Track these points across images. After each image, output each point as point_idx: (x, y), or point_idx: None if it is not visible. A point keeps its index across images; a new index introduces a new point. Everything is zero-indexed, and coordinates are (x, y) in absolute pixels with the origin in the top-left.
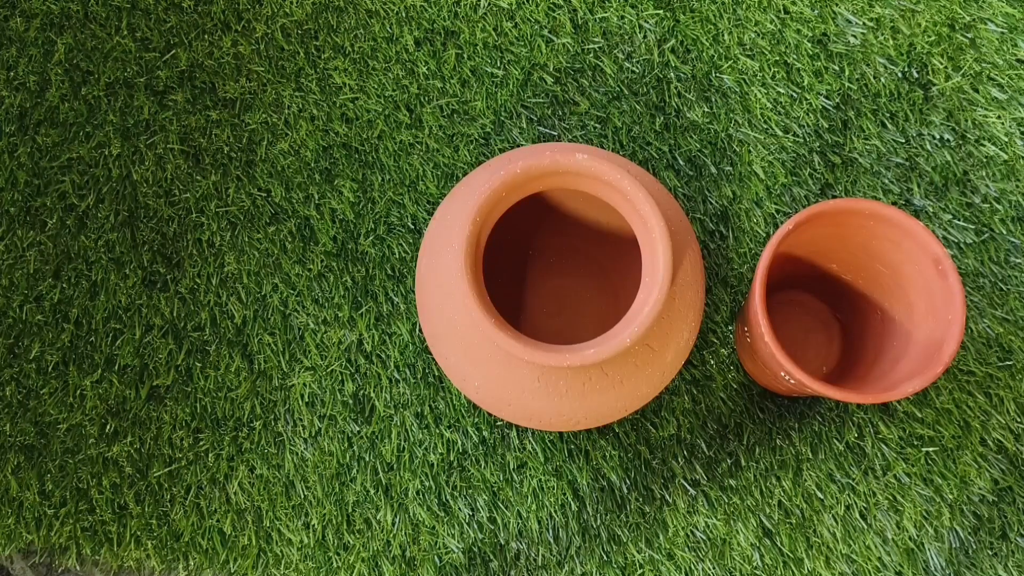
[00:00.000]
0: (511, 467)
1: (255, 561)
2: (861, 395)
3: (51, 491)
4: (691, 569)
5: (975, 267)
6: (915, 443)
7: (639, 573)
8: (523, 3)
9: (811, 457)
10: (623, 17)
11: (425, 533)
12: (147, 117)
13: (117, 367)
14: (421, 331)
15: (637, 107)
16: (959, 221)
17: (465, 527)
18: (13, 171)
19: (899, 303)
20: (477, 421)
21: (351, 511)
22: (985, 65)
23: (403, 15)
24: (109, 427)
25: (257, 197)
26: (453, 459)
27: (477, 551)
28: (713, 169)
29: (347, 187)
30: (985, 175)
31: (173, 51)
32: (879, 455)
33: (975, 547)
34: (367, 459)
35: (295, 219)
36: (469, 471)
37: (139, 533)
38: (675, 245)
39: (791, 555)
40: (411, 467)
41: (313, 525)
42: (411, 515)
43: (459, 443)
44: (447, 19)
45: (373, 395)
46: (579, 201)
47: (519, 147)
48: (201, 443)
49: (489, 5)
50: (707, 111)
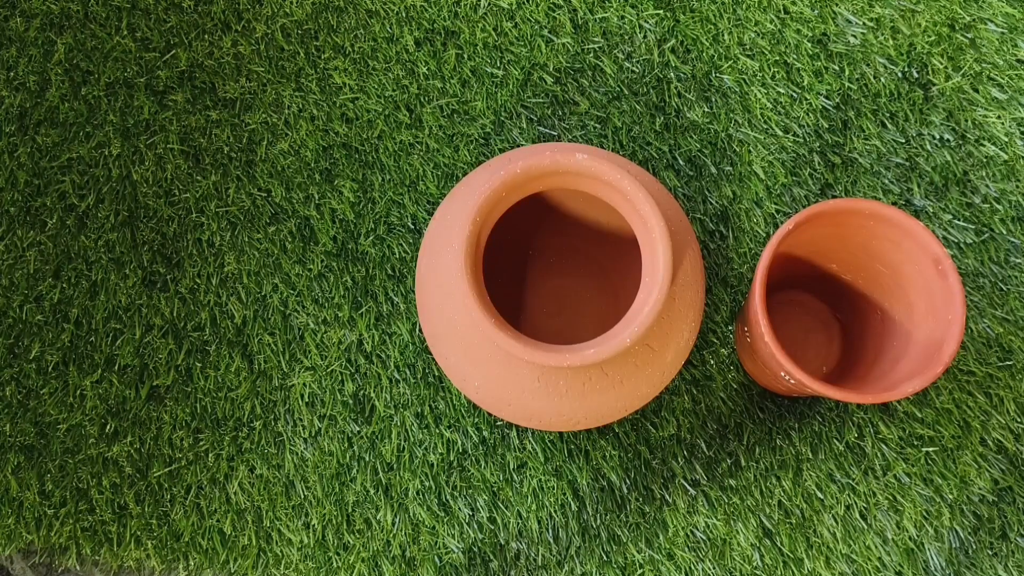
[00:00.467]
0: (511, 467)
1: (255, 561)
2: (861, 395)
3: (51, 491)
4: (691, 569)
5: (975, 267)
6: (915, 443)
7: (639, 573)
8: (523, 3)
9: (811, 457)
10: (623, 17)
11: (425, 533)
12: (147, 117)
13: (117, 367)
14: (421, 331)
15: (637, 107)
16: (959, 221)
17: (465, 527)
18: (13, 171)
19: (899, 303)
20: (477, 421)
21: (351, 511)
22: (985, 65)
23: (403, 15)
24: (109, 427)
25: (257, 197)
26: (453, 459)
27: (477, 551)
28: (713, 169)
29: (347, 187)
30: (985, 175)
31: (173, 51)
32: (879, 455)
33: (975, 547)
34: (367, 459)
35: (295, 219)
36: (469, 471)
37: (139, 533)
38: (675, 245)
39: (791, 555)
40: (411, 467)
41: (313, 525)
42: (411, 515)
43: (459, 443)
44: (447, 19)
45: (373, 395)
46: (579, 201)
47: (519, 147)
48: (201, 443)
49: (489, 5)
50: (707, 111)
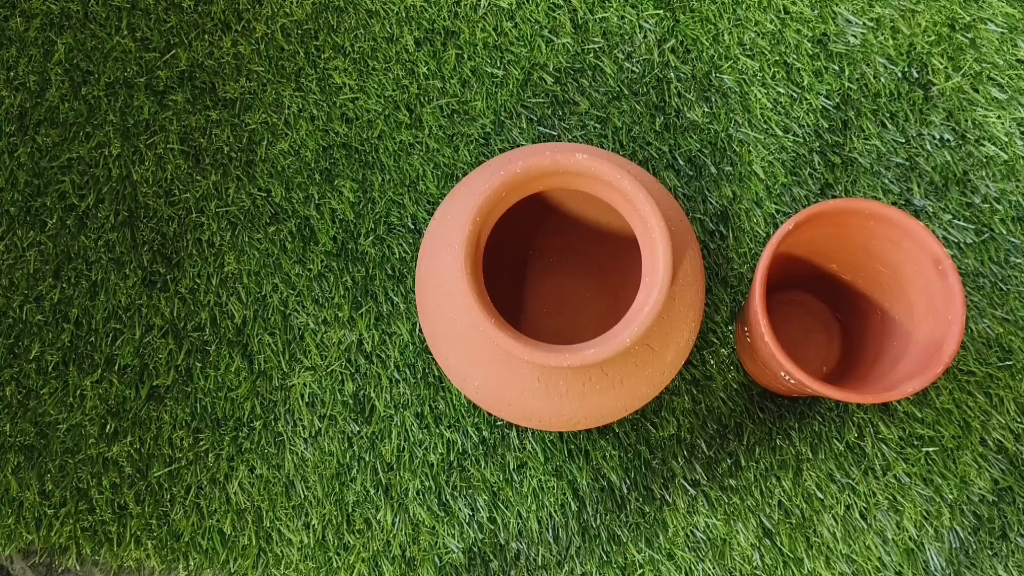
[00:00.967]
0: (511, 467)
1: (255, 561)
2: (861, 395)
3: (51, 491)
4: (691, 569)
5: (975, 267)
6: (915, 443)
7: (639, 573)
8: (523, 3)
9: (811, 457)
10: (623, 17)
11: (425, 533)
12: (147, 117)
13: (117, 367)
14: (421, 331)
15: (637, 107)
16: (959, 221)
17: (465, 527)
18: (13, 171)
19: (899, 303)
20: (477, 421)
21: (351, 511)
22: (985, 65)
23: (403, 15)
24: (109, 427)
25: (257, 197)
26: (453, 459)
27: (477, 551)
28: (713, 169)
29: (347, 187)
30: (985, 175)
31: (173, 51)
32: (879, 455)
33: (975, 547)
34: (367, 459)
35: (295, 219)
36: (469, 471)
37: (139, 533)
38: (675, 245)
39: (791, 555)
40: (411, 467)
41: (313, 525)
42: (411, 515)
43: (459, 443)
44: (447, 19)
45: (373, 395)
46: (579, 201)
47: (519, 147)
48: (201, 443)
49: (489, 5)
50: (707, 111)
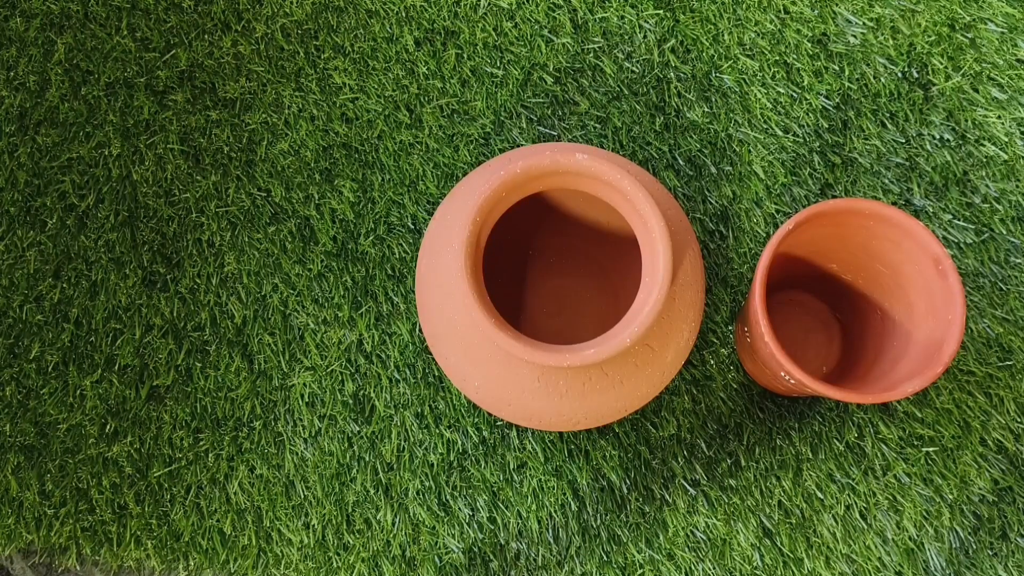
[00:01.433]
0: (511, 467)
1: (255, 561)
2: (861, 395)
3: (51, 491)
4: (691, 569)
5: (975, 267)
6: (915, 443)
7: (639, 573)
8: (523, 3)
9: (811, 457)
10: (623, 17)
11: (425, 533)
12: (147, 117)
13: (117, 367)
14: (421, 331)
15: (637, 107)
16: (959, 221)
17: (465, 527)
18: (13, 171)
19: (899, 303)
20: (477, 421)
21: (351, 511)
22: (985, 65)
23: (403, 15)
24: (109, 427)
25: (257, 197)
26: (453, 459)
27: (477, 551)
28: (713, 169)
29: (347, 187)
30: (985, 175)
31: (173, 51)
32: (879, 455)
33: (975, 547)
34: (367, 459)
35: (295, 219)
36: (469, 471)
37: (139, 533)
38: (675, 245)
39: (791, 555)
40: (411, 467)
41: (313, 525)
42: (411, 515)
43: (459, 443)
44: (447, 19)
45: (373, 395)
46: (579, 201)
47: (519, 147)
48: (201, 443)
49: (489, 5)
50: (707, 111)
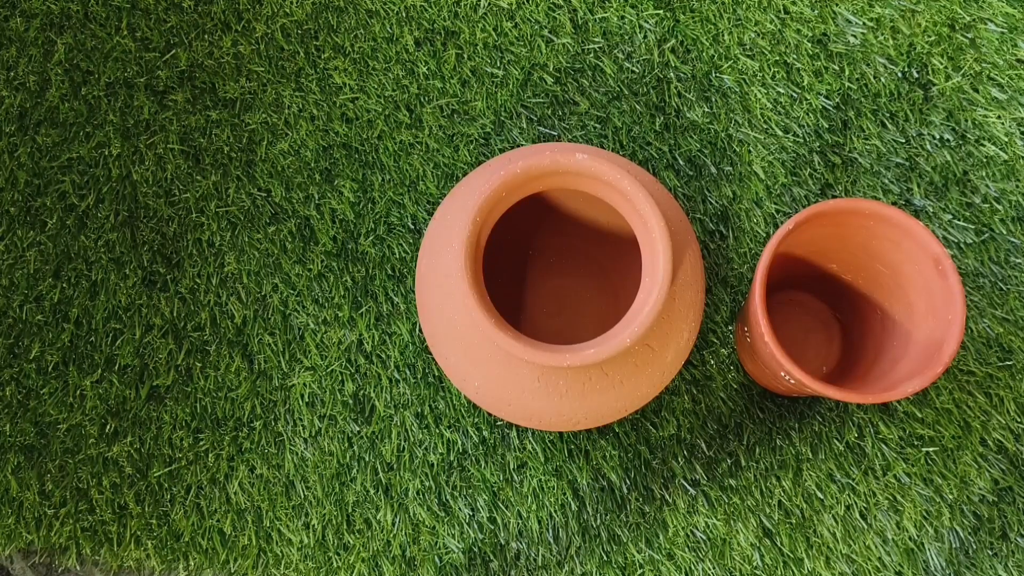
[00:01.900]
0: (511, 467)
1: (255, 561)
2: (861, 395)
3: (51, 491)
4: (691, 569)
5: (975, 267)
6: (915, 443)
7: (639, 573)
8: (523, 3)
9: (811, 457)
10: (623, 17)
11: (425, 533)
12: (147, 117)
13: (117, 367)
14: (421, 331)
15: (637, 107)
16: (959, 221)
17: (465, 527)
18: (13, 171)
19: (899, 303)
20: (477, 421)
21: (351, 511)
22: (985, 65)
23: (403, 15)
24: (109, 427)
25: (257, 197)
26: (453, 459)
27: (477, 551)
28: (713, 169)
29: (347, 187)
30: (985, 175)
31: (173, 51)
32: (879, 455)
33: (975, 547)
34: (367, 459)
35: (295, 219)
36: (469, 471)
37: (139, 533)
38: (675, 245)
39: (791, 555)
40: (411, 467)
41: (313, 525)
42: (411, 515)
43: (459, 443)
44: (447, 19)
45: (373, 395)
46: (579, 201)
47: (519, 147)
48: (201, 443)
49: (489, 5)
50: (707, 111)
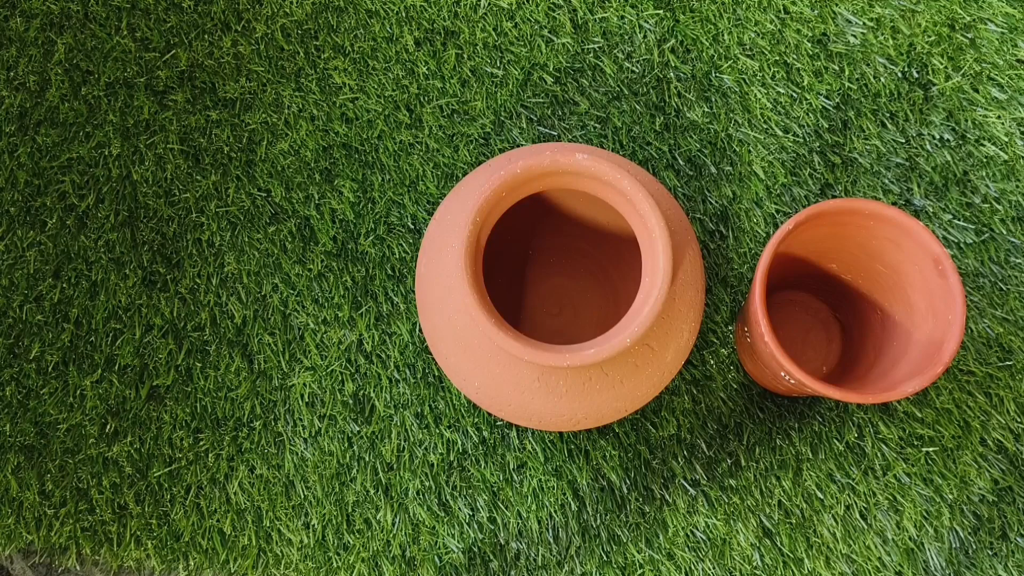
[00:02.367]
0: (511, 467)
1: (255, 561)
2: (861, 395)
3: (51, 491)
4: (691, 569)
5: (975, 267)
6: (915, 443)
7: (639, 573)
8: (523, 3)
9: (811, 457)
10: (623, 17)
11: (425, 533)
12: (147, 117)
13: (117, 367)
14: (421, 331)
15: (637, 107)
16: (959, 221)
17: (465, 527)
18: (13, 171)
19: (899, 303)
20: (477, 421)
21: (351, 511)
22: (985, 65)
23: (403, 15)
24: (109, 427)
25: (257, 197)
26: (453, 459)
27: (477, 551)
28: (713, 169)
29: (347, 187)
30: (985, 175)
31: (173, 51)
32: (879, 455)
33: (975, 547)
34: (367, 459)
35: (295, 219)
36: (469, 471)
37: (139, 533)
38: (675, 245)
39: (791, 555)
40: (411, 467)
41: (313, 525)
42: (411, 515)
43: (459, 443)
44: (447, 19)
45: (373, 395)
46: (579, 201)
47: (519, 147)
48: (201, 443)
49: (489, 5)
50: (707, 111)
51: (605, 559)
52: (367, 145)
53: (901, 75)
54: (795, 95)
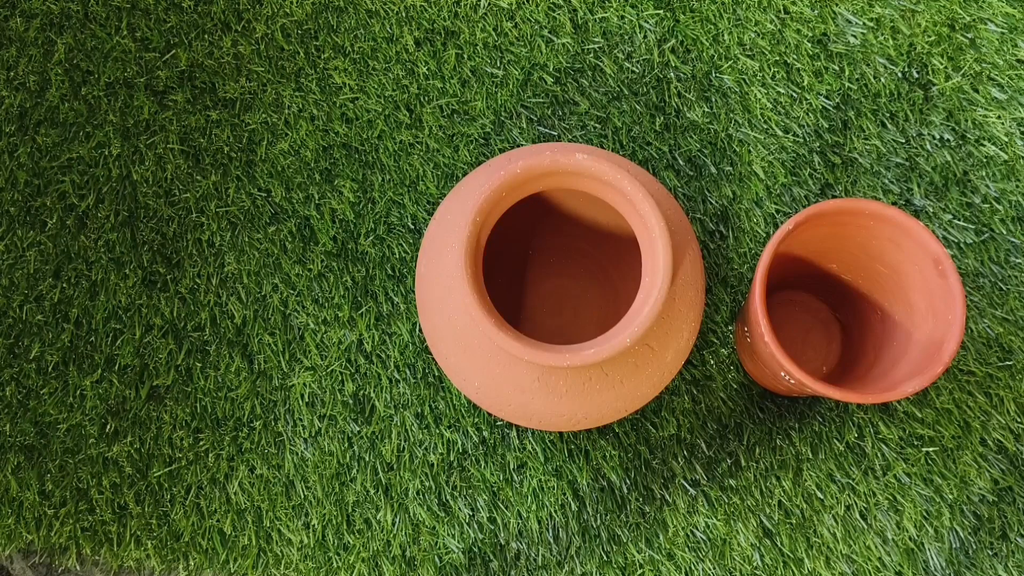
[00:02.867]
0: (511, 467)
1: (255, 561)
2: (861, 395)
3: (51, 491)
4: (691, 569)
5: (975, 267)
6: (915, 443)
7: (639, 573)
8: (523, 3)
9: (811, 457)
10: (623, 17)
11: (425, 533)
12: (147, 117)
13: (117, 367)
14: (421, 331)
15: (637, 107)
16: (959, 221)
17: (465, 527)
18: (13, 171)
19: (899, 303)
20: (477, 421)
21: (351, 511)
22: (985, 65)
23: (403, 15)
24: (109, 427)
25: (257, 197)
26: (453, 459)
27: (477, 551)
28: (713, 169)
29: (347, 187)
30: (985, 175)
31: (173, 51)
32: (879, 455)
33: (975, 547)
34: (367, 459)
35: (295, 219)
36: (469, 471)
37: (139, 533)
38: (675, 245)
39: (791, 555)
40: (411, 467)
41: (313, 525)
42: (411, 515)
43: (459, 443)
44: (447, 19)
45: (373, 395)
46: (579, 201)
47: (519, 147)
48: (201, 443)
49: (489, 5)
50: (707, 111)
51: (605, 559)
52: (367, 145)
53: (901, 75)
54: (795, 95)
